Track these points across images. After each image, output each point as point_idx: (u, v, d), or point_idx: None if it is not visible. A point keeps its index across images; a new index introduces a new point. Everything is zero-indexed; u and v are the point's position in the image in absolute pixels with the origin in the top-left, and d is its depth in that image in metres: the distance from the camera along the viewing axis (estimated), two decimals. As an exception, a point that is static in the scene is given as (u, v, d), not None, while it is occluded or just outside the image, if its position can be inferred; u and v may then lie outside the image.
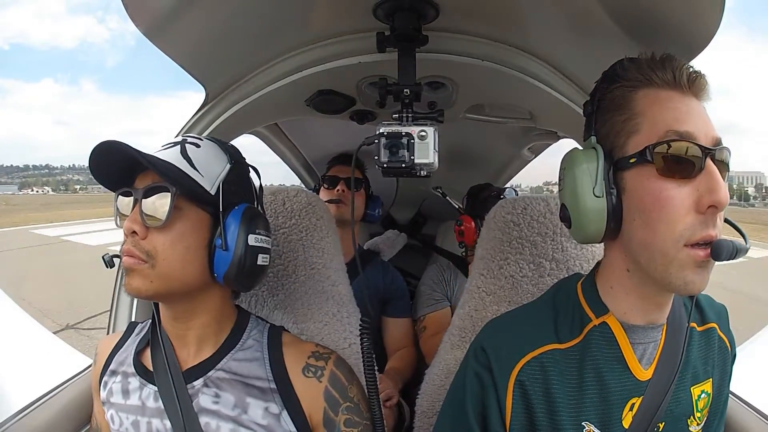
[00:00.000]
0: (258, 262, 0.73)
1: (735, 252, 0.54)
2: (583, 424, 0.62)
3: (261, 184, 0.83)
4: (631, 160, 0.58)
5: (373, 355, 0.81)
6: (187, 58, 0.91)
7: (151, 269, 0.67)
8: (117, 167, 0.69)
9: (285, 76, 1.01)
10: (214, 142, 0.77)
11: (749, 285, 7.88)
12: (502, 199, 1.68)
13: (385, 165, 0.75)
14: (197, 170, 0.71)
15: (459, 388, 0.68)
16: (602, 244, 0.68)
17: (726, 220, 0.61)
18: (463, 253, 1.81)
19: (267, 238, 0.76)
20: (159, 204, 0.67)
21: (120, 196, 0.72)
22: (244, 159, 0.80)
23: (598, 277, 0.69)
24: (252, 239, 0.72)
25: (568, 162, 0.64)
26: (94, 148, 0.65)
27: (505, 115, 1.24)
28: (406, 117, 0.78)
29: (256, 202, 0.79)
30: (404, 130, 0.75)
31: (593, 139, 0.64)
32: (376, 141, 0.75)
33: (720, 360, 0.71)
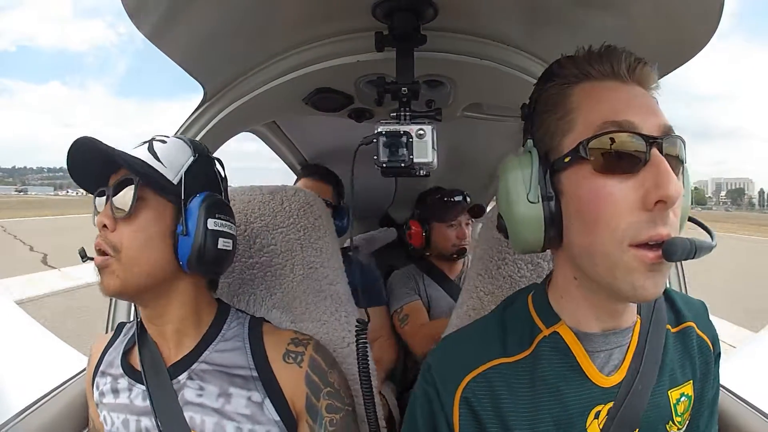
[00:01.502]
0: (219, 246, 0.74)
1: (693, 250, 0.47)
2: None
3: (225, 175, 0.85)
4: (566, 159, 0.53)
5: (369, 358, 0.81)
6: (185, 58, 0.91)
7: (117, 263, 0.69)
8: (93, 169, 0.73)
9: (283, 75, 1.01)
10: (180, 139, 0.80)
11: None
12: (447, 201, 1.78)
13: (384, 165, 0.75)
14: (161, 162, 0.74)
15: (412, 408, 0.67)
16: None
17: (690, 219, 0.58)
18: (413, 253, 1.90)
19: (228, 224, 0.77)
20: (127, 197, 0.70)
21: (97, 197, 0.75)
22: (209, 152, 0.82)
23: (549, 287, 0.65)
24: (211, 223, 0.73)
25: (501, 169, 0.60)
26: (69, 149, 0.68)
27: (503, 113, 1.24)
28: (404, 116, 0.78)
29: (222, 193, 0.81)
30: (402, 129, 0.75)
31: (529, 142, 0.60)
32: (375, 140, 0.75)
33: (701, 360, 0.67)
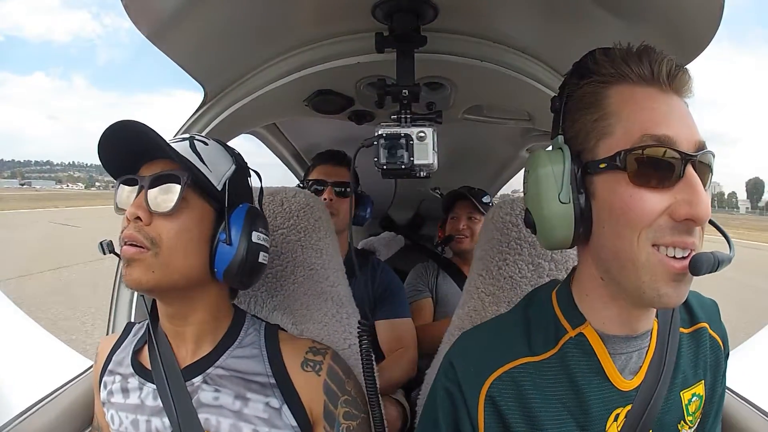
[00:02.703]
0: (259, 259, 0.74)
1: (717, 264, 0.49)
2: None
3: (261, 188, 0.84)
4: (601, 165, 0.53)
5: (372, 357, 0.81)
6: (186, 59, 0.91)
7: (153, 258, 0.66)
8: (123, 154, 0.69)
9: (284, 76, 1.01)
10: (219, 143, 0.78)
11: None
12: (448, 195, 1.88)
13: (384, 166, 0.75)
14: (206, 165, 0.72)
15: (431, 405, 0.66)
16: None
17: (710, 222, 0.56)
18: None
19: (267, 237, 0.77)
20: (164, 198, 0.67)
21: (122, 185, 0.71)
22: (247, 164, 0.81)
23: (573, 284, 0.64)
24: (255, 236, 0.72)
25: (532, 164, 0.59)
26: (108, 128, 0.64)
27: (504, 116, 1.25)
28: (404, 118, 0.78)
29: (257, 205, 0.81)
30: (403, 131, 0.75)
31: (560, 138, 0.59)
32: (375, 142, 0.75)
33: (713, 359, 0.68)
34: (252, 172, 0.82)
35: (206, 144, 0.75)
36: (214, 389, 0.72)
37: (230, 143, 1.10)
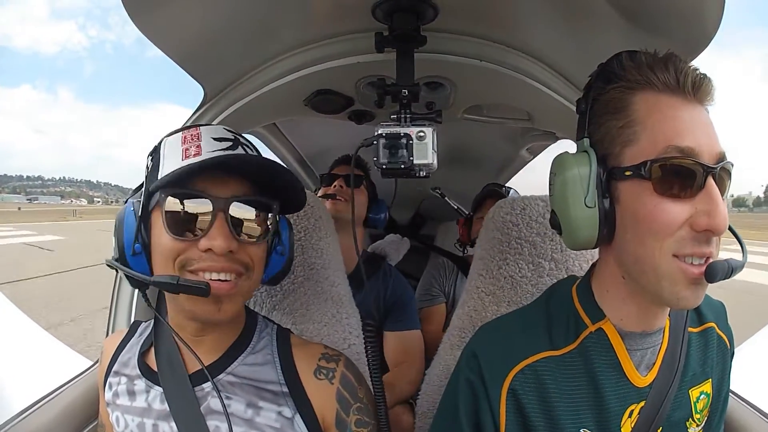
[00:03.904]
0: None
1: (730, 271, 0.53)
2: (581, 431, 0.60)
3: None
4: (627, 173, 0.55)
5: (379, 359, 0.81)
6: (185, 57, 0.91)
7: (248, 281, 0.67)
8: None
9: (284, 76, 1.01)
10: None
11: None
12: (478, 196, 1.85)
13: (384, 166, 0.75)
14: None
15: (451, 395, 0.67)
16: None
17: (729, 228, 0.58)
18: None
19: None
20: (248, 223, 0.65)
21: (171, 198, 0.63)
22: None
23: (593, 280, 0.66)
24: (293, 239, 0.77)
25: (558, 166, 0.61)
26: (222, 162, 0.62)
27: (503, 115, 1.24)
28: (404, 117, 0.78)
29: None
30: (403, 130, 0.75)
31: (586, 141, 0.60)
32: (375, 142, 0.75)
33: (719, 358, 0.70)
34: None
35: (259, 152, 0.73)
36: (225, 396, 0.70)
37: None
